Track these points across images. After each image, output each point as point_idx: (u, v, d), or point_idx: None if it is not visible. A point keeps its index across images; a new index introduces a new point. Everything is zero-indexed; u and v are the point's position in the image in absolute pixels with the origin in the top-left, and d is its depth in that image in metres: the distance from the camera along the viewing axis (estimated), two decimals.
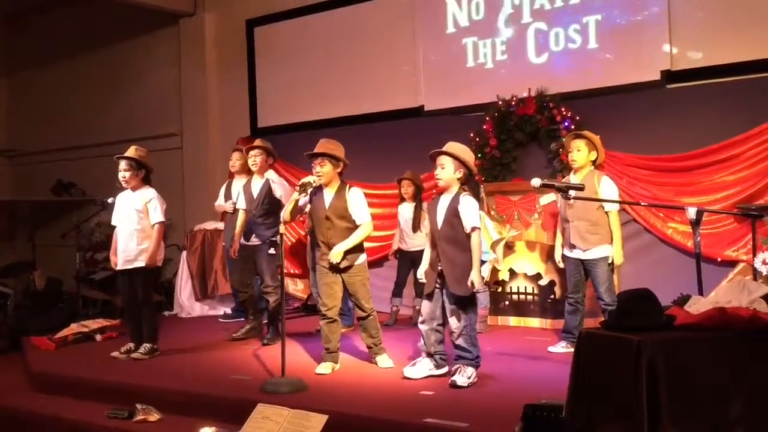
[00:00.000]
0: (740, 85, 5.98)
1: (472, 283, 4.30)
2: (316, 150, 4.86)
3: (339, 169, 4.90)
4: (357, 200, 4.88)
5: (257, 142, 6.17)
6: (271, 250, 5.84)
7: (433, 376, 4.51)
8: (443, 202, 4.46)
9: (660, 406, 2.42)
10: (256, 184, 6.02)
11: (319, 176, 4.83)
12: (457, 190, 4.43)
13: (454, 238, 4.39)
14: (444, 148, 4.46)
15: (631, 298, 2.81)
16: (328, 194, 4.90)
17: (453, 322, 4.40)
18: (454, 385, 4.29)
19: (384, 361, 4.96)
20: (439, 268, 4.43)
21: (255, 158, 5.99)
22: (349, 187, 4.94)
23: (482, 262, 4.55)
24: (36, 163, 11.10)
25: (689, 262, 5.58)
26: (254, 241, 5.96)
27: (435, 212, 4.48)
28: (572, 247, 5.22)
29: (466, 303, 4.39)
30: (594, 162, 5.23)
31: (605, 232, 5.14)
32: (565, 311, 5.35)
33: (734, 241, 5.86)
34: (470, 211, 4.36)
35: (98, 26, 10.32)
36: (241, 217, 6.06)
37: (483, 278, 6.04)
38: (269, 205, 5.92)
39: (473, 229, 4.34)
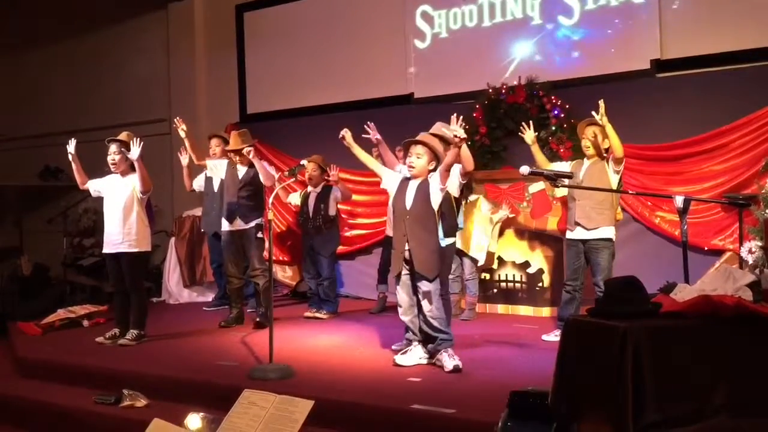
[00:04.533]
0: (730, 74, 6.00)
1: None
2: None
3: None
4: None
5: (235, 132, 6.26)
6: (259, 234, 5.84)
7: (424, 365, 4.51)
8: (413, 185, 4.52)
9: (645, 393, 2.43)
10: (240, 171, 6.06)
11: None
12: (427, 176, 4.51)
13: (424, 219, 4.44)
14: (420, 137, 4.50)
15: (617, 285, 2.82)
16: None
17: (425, 305, 4.43)
18: (447, 370, 4.30)
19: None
20: (407, 249, 4.45)
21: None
22: None
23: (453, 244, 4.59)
24: (22, 148, 10.98)
25: (676, 251, 5.63)
26: (239, 224, 5.94)
27: (403, 194, 4.53)
28: (576, 225, 5.13)
29: (434, 284, 4.42)
30: (607, 149, 5.14)
31: (610, 213, 5.10)
32: (561, 299, 5.24)
33: (721, 230, 5.90)
34: (437, 181, 4.40)
35: (86, 10, 10.19)
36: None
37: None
38: (254, 186, 5.91)
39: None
